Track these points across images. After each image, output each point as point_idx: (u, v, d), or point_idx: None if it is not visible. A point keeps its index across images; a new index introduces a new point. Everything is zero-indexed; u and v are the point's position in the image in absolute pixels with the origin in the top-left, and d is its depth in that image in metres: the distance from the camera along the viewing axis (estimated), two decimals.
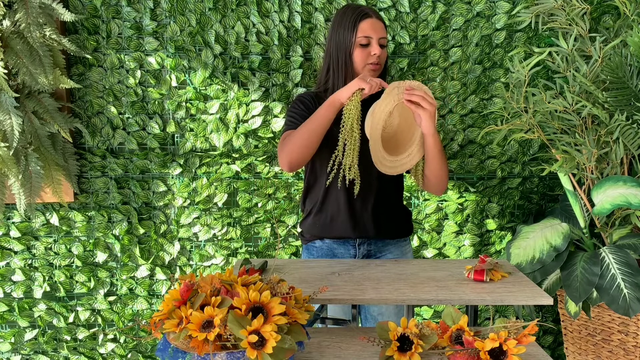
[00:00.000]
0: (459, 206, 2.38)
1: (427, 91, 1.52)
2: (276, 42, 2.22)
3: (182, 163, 2.29)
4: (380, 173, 1.66)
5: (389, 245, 1.80)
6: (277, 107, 2.25)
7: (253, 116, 2.26)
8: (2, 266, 2.32)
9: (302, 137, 1.58)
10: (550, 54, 1.98)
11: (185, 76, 2.23)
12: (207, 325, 0.95)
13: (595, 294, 1.88)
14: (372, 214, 1.74)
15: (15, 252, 2.32)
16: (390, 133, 1.63)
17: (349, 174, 1.55)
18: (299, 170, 2.27)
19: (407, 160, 1.64)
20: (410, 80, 1.52)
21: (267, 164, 2.30)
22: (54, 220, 2.29)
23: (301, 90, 2.24)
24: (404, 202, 1.97)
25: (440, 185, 1.71)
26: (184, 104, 2.25)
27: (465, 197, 2.37)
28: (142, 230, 2.32)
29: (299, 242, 2.36)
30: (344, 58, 1.68)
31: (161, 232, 2.34)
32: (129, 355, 2.42)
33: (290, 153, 1.60)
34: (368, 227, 1.74)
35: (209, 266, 2.38)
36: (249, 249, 2.37)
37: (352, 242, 1.77)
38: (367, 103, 1.59)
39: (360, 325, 1.93)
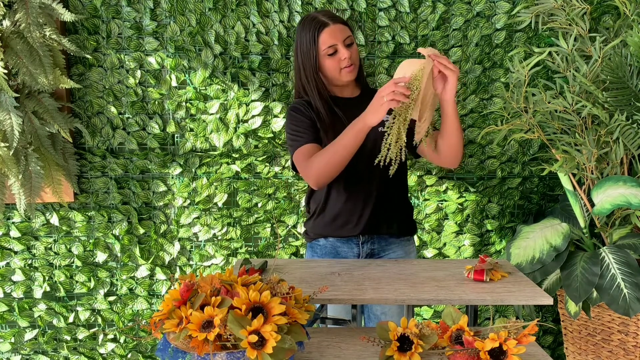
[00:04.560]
0: (459, 206, 2.38)
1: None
2: (276, 42, 2.22)
3: (182, 163, 2.29)
4: (383, 172, 1.67)
5: (392, 245, 1.80)
6: (277, 107, 2.25)
7: (253, 116, 2.26)
8: (2, 266, 2.32)
9: (332, 162, 1.56)
10: (550, 54, 1.98)
11: (185, 76, 2.23)
12: (207, 325, 0.95)
13: (595, 294, 1.88)
14: (375, 213, 1.74)
15: (15, 252, 2.32)
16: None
17: (391, 150, 1.46)
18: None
19: (423, 125, 1.53)
20: (423, 49, 1.45)
21: (267, 164, 2.30)
22: (54, 220, 2.29)
23: None
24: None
25: (458, 157, 1.63)
26: (184, 104, 2.25)
27: (465, 197, 2.37)
28: (142, 230, 2.32)
29: (299, 242, 2.37)
30: (312, 74, 1.68)
31: (161, 232, 2.34)
32: (129, 355, 2.42)
33: (318, 176, 1.59)
34: (371, 225, 1.74)
35: (209, 266, 2.38)
36: (249, 249, 2.37)
37: (355, 240, 1.77)
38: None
39: (363, 324, 1.93)
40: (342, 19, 1.70)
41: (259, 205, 2.33)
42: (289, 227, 2.35)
